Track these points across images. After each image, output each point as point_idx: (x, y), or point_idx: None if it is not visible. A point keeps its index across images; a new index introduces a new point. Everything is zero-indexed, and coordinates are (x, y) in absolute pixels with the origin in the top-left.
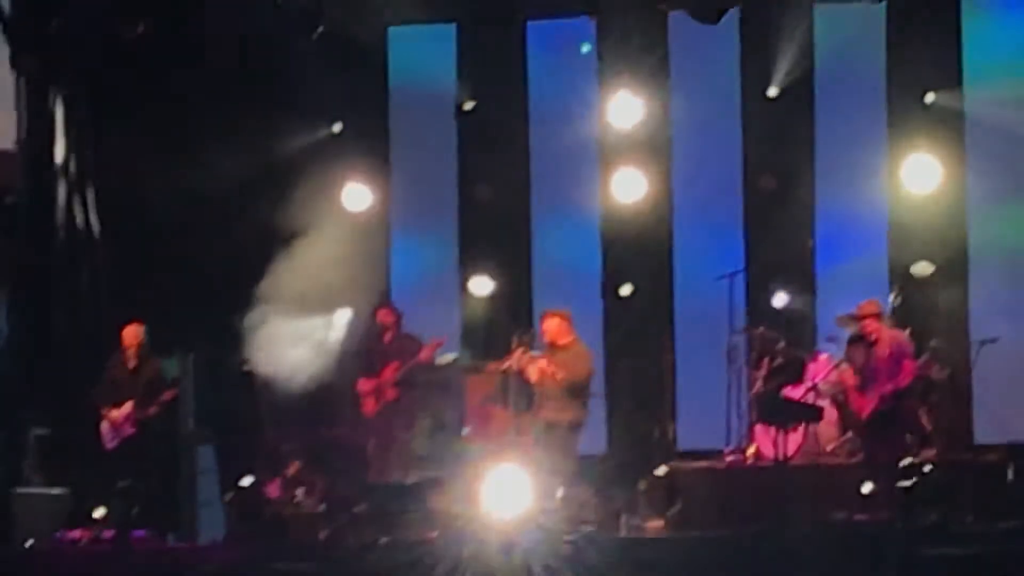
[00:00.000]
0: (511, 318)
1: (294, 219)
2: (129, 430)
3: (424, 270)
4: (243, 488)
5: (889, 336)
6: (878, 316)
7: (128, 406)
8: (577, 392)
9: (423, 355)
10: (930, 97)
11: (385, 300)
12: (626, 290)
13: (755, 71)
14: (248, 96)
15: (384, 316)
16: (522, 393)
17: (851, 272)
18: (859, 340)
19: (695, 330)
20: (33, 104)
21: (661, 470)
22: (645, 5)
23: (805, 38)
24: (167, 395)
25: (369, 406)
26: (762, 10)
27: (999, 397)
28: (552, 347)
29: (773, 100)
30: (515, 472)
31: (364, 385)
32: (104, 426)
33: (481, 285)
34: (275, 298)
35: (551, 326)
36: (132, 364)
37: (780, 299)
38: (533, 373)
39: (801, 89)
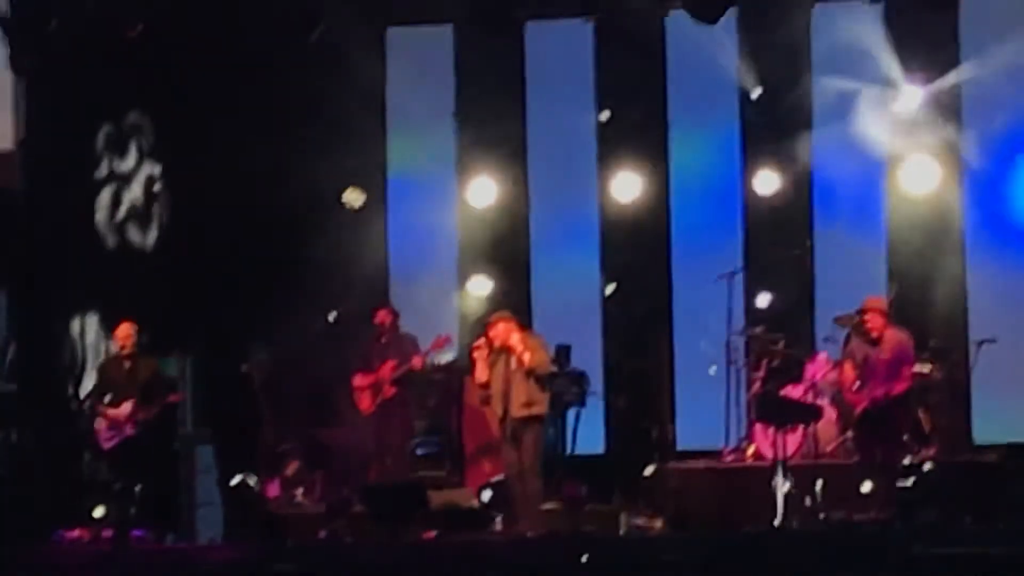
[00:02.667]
0: None
1: (294, 218)
2: (129, 431)
3: (423, 270)
4: (235, 487)
5: (892, 337)
6: (882, 312)
7: (128, 406)
8: (542, 381)
9: (416, 361)
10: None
11: (383, 300)
12: (610, 289)
13: (754, 70)
14: (248, 96)
15: (382, 316)
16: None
17: (850, 272)
18: (860, 335)
19: (694, 330)
20: (33, 104)
21: (648, 470)
22: (643, 5)
23: (803, 38)
24: (173, 398)
25: (365, 403)
26: (761, 10)
27: (999, 397)
28: (504, 349)
29: (774, 100)
30: None
31: (360, 381)
32: (100, 424)
33: (480, 285)
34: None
35: (500, 330)
36: (127, 364)
37: (763, 299)
38: (483, 374)
39: (799, 88)
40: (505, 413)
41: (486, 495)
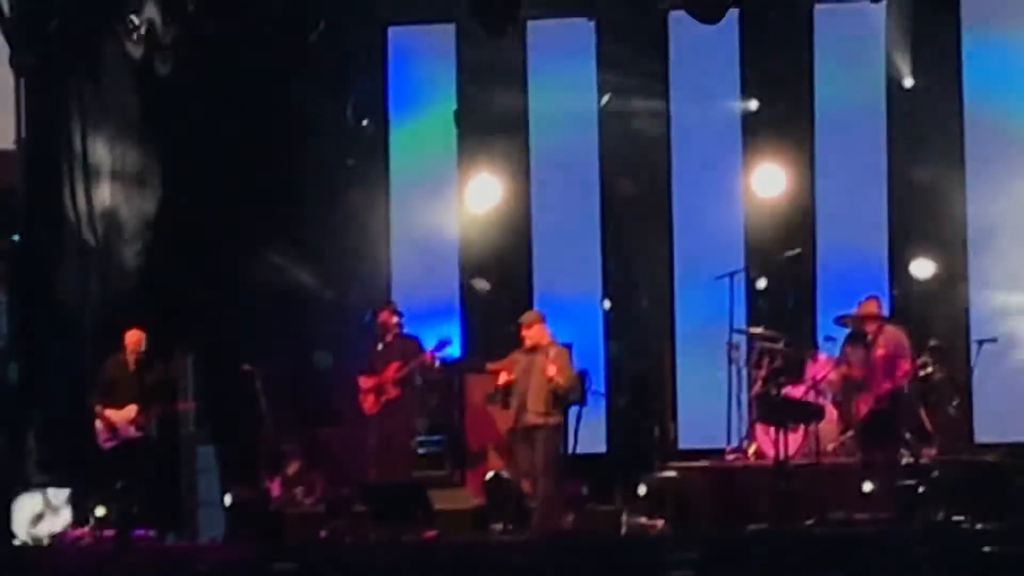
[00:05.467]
0: (511, 318)
1: (295, 218)
2: (133, 433)
3: (424, 269)
4: (240, 498)
5: (887, 335)
6: (877, 316)
7: (131, 409)
8: (563, 396)
9: (426, 356)
10: (908, 81)
11: (387, 301)
12: (607, 304)
13: (756, 70)
14: (249, 97)
15: (385, 317)
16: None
17: (851, 272)
18: (857, 339)
19: (695, 330)
20: (33, 104)
21: (641, 489)
22: (645, 5)
23: (805, 37)
24: (184, 405)
25: (369, 404)
26: (762, 10)
27: (999, 397)
28: (533, 350)
29: (774, 99)
30: None
31: (364, 383)
32: (99, 424)
33: (481, 285)
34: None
35: (533, 332)
36: (134, 368)
37: (762, 282)
38: (504, 376)
39: (801, 89)
40: (520, 414)
41: (489, 476)
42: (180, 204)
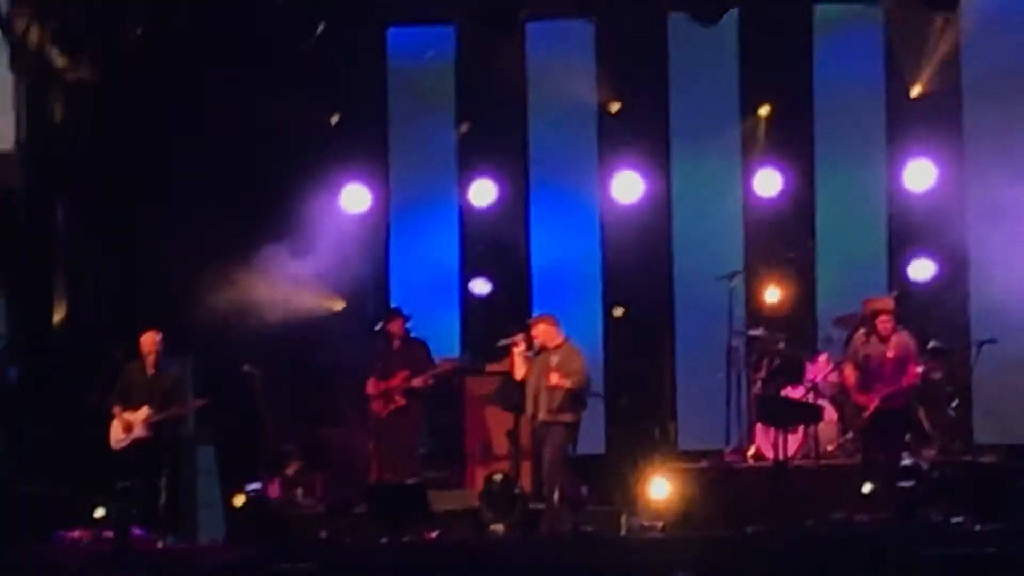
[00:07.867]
0: (511, 319)
1: (294, 220)
2: (143, 434)
3: (424, 270)
4: (246, 500)
5: (900, 339)
6: (893, 314)
7: (144, 411)
8: (579, 396)
9: (418, 381)
10: (916, 90)
11: (395, 309)
12: (618, 312)
13: (756, 71)
14: (250, 98)
15: (395, 326)
16: (516, 393)
17: (851, 272)
18: (870, 336)
19: (695, 330)
20: (33, 104)
21: (657, 493)
22: (644, 5)
23: (804, 38)
24: (197, 403)
25: (378, 408)
26: (762, 10)
27: (999, 397)
28: (544, 349)
29: (775, 100)
30: None
31: (373, 388)
32: (115, 425)
33: (481, 286)
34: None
35: (541, 331)
36: (151, 371)
37: (772, 294)
38: (520, 370)
39: (802, 89)
40: (534, 414)
41: (497, 477)
42: (180, 205)
